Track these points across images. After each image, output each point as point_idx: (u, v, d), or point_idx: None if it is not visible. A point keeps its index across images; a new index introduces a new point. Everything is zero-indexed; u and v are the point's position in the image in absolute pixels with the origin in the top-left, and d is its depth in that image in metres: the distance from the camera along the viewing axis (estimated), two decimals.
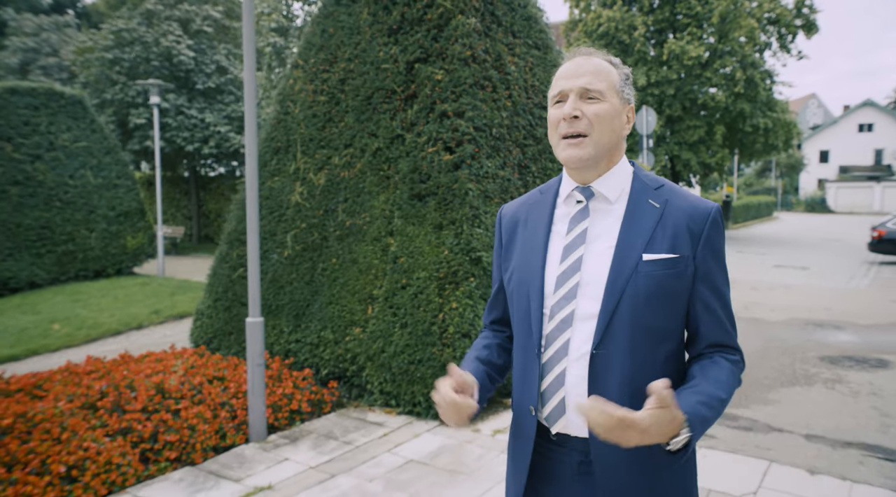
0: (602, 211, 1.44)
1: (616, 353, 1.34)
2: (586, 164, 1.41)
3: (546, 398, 1.41)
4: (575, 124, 1.39)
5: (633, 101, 1.48)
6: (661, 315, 1.36)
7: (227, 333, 6.25)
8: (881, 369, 6.33)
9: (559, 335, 1.39)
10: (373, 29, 5.85)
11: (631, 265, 1.36)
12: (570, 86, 1.41)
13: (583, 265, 1.40)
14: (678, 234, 1.37)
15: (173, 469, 4.03)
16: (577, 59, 1.45)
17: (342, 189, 5.70)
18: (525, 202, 1.61)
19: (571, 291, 1.39)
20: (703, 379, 1.35)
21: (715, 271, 1.40)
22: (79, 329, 9.01)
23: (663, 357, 1.38)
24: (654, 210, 1.40)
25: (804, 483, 3.82)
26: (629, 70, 1.49)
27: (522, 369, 1.48)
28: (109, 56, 16.18)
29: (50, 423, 3.86)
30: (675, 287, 1.36)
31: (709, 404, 1.28)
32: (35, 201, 11.02)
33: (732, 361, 1.42)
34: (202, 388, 4.65)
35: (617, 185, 1.44)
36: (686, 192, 1.44)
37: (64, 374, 4.89)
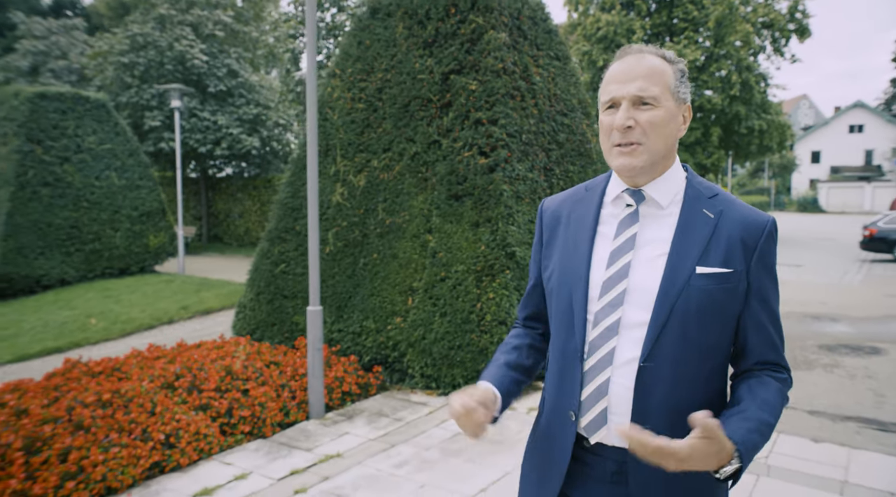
0: (652, 216, 1.39)
1: (663, 366, 1.31)
2: (638, 173, 1.37)
3: (587, 407, 1.37)
4: (628, 134, 1.34)
5: (689, 99, 1.41)
6: (711, 330, 1.33)
7: (270, 324, 6.72)
8: (874, 356, 6.87)
9: (603, 343, 1.35)
10: (408, 42, 6.34)
11: (684, 277, 1.31)
12: (623, 93, 1.35)
13: (630, 272, 1.36)
14: (732, 248, 1.33)
15: (248, 441, 4.51)
16: (629, 60, 1.38)
17: (382, 190, 6.19)
18: (569, 198, 1.56)
19: (618, 298, 1.35)
20: (752, 403, 1.31)
21: (767, 287, 1.37)
22: (114, 323, 9.44)
23: (708, 372, 1.35)
24: (709, 220, 1.36)
25: (809, 449, 4.34)
26: (685, 65, 1.41)
27: (561, 372, 1.43)
28: (125, 60, 16.57)
29: (141, 399, 4.33)
30: (726, 302, 1.33)
31: (759, 431, 1.26)
32: (64, 202, 11.44)
33: (780, 380, 1.38)
34: (263, 372, 5.13)
35: (670, 191, 1.39)
36: (741, 202, 1.41)
37: (137, 358, 5.35)
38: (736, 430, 1.21)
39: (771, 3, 24.36)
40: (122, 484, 3.68)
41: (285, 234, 6.86)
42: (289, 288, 6.65)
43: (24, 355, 8.11)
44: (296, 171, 6.99)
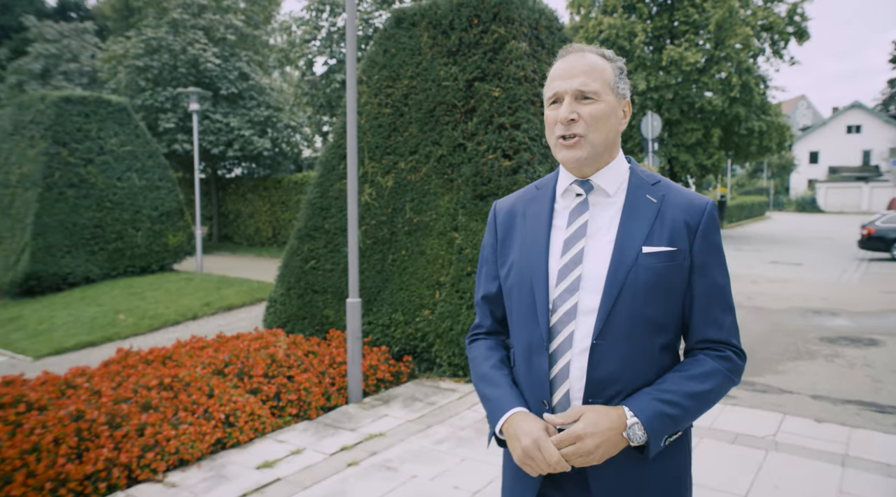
0: (601, 204, 1.47)
1: (615, 343, 1.37)
2: (582, 164, 1.44)
3: (552, 390, 1.42)
4: (571, 127, 1.41)
5: (628, 95, 1.49)
6: (659, 307, 1.39)
7: (301, 318, 7.09)
8: (873, 347, 7.26)
9: (563, 328, 1.41)
10: (433, 51, 6.72)
11: (631, 258, 1.38)
12: (565, 87, 1.42)
13: (584, 258, 1.42)
14: (676, 228, 1.40)
15: (295, 422, 4.89)
16: (570, 58, 1.46)
17: (409, 190, 6.57)
18: (521, 197, 1.62)
19: (574, 284, 1.41)
20: (671, 376, 1.39)
21: (711, 265, 1.42)
22: (142, 319, 9.81)
23: (659, 348, 1.41)
24: (652, 204, 1.43)
25: (812, 428, 4.72)
26: (623, 63, 1.50)
27: (528, 363, 1.47)
28: (140, 64, 16.93)
29: (199, 383, 4.71)
30: (673, 280, 1.39)
31: (669, 401, 1.32)
32: (88, 202, 11.80)
33: (720, 358, 1.41)
34: (303, 360, 5.50)
35: (615, 179, 1.47)
36: (681, 187, 1.49)
37: (185, 348, 5.73)
38: (638, 400, 1.33)
39: (770, 7, 24.76)
40: (192, 456, 4.06)
41: (314, 232, 7.23)
42: (319, 283, 7.02)
43: (61, 348, 8.48)
44: (323, 172, 7.35)
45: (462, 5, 6.64)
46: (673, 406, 1.32)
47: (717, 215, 1.44)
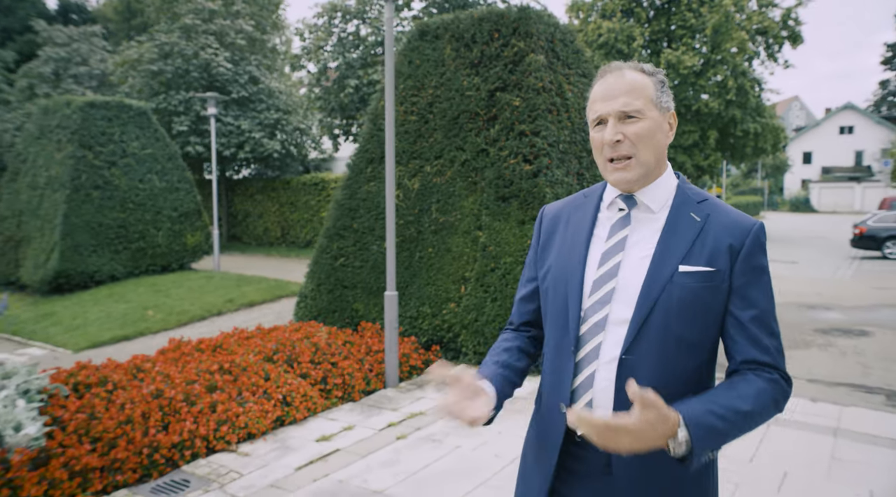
0: (644, 220, 1.46)
1: (644, 359, 1.36)
2: (635, 185, 1.45)
3: (575, 398, 1.43)
4: (618, 148, 1.42)
5: (672, 107, 1.48)
6: (693, 327, 1.37)
7: (332, 311, 7.58)
8: (863, 337, 7.80)
9: (591, 338, 1.42)
10: (456, 62, 7.23)
11: (666, 275, 1.38)
12: (608, 109, 1.43)
13: (619, 271, 1.43)
14: (717, 249, 1.39)
15: (341, 403, 5.39)
16: (610, 78, 1.46)
17: (434, 192, 7.07)
18: (569, 204, 1.63)
19: (606, 296, 1.42)
20: (723, 390, 1.35)
21: (754, 286, 1.40)
22: (170, 315, 10.28)
23: (693, 368, 1.39)
24: (695, 223, 1.42)
25: (809, 407, 5.25)
26: (664, 75, 1.49)
27: (554, 366, 1.49)
28: (154, 68, 17.37)
29: (254, 368, 5.20)
30: (709, 300, 1.38)
31: (719, 414, 1.27)
32: (112, 203, 12.26)
33: (768, 379, 1.37)
34: (342, 349, 6.00)
35: (661, 196, 1.47)
36: (729, 207, 1.47)
37: (233, 338, 6.21)
38: (688, 407, 1.25)
39: (765, 12, 25.36)
40: (259, 431, 4.55)
41: (343, 231, 7.72)
42: (348, 279, 7.52)
43: (97, 342, 8.95)
44: (352, 175, 7.85)
45: (483, 20, 7.15)
46: (722, 420, 1.27)
47: (763, 238, 1.42)
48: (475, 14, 7.28)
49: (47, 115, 12.59)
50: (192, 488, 3.83)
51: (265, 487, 3.83)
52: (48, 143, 12.29)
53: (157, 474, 3.96)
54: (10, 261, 12.17)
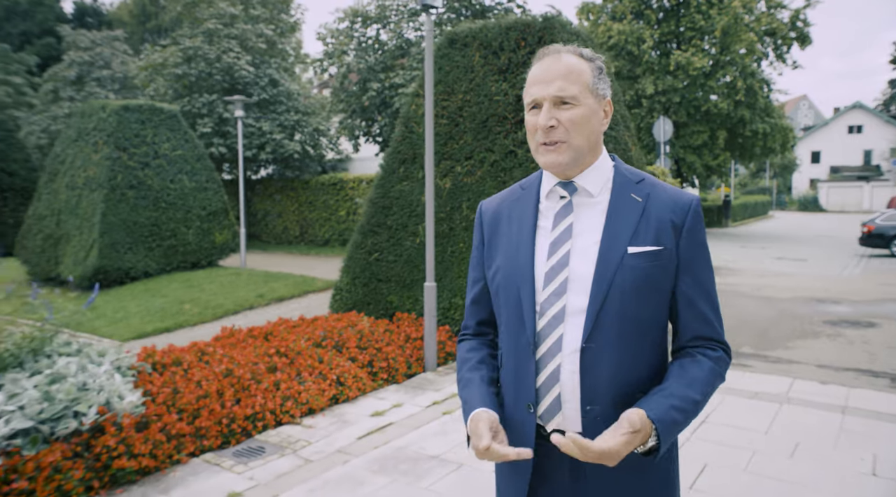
0: (586, 205, 1.46)
1: (605, 346, 1.37)
2: (566, 169, 1.43)
3: (541, 395, 1.42)
4: (552, 133, 1.41)
5: (609, 94, 1.47)
6: (647, 307, 1.40)
7: (367, 303, 8.06)
8: (870, 328, 8.22)
9: (551, 331, 1.41)
10: (484, 69, 7.69)
11: (616, 258, 1.38)
12: (543, 93, 1.41)
13: (570, 260, 1.42)
14: (661, 227, 1.40)
15: (386, 385, 5.86)
16: (546, 61, 1.45)
17: (465, 191, 7.54)
18: (506, 198, 1.62)
19: (561, 287, 1.41)
20: (679, 380, 1.38)
21: (698, 262, 1.43)
22: (205, 309, 10.79)
23: (649, 347, 1.42)
24: (637, 204, 1.43)
25: (818, 388, 5.68)
26: (602, 61, 1.49)
27: (515, 366, 1.47)
28: (179, 72, 17.91)
29: (307, 352, 5.68)
30: (659, 279, 1.40)
31: (678, 407, 1.33)
32: (146, 203, 12.79)
33: (714, 358, 1.43)
34: (384, 336, 6.47)
35: (599, 180, 1.47)
36: (666, 185, 1.48)
37: (281, 326, 6.70)
38: (655, 409, 1.31)
39: (773, 13, 25.70)
40: (318, 407, 5.03)
41: (377, 228, 8.20)
42: (382, 273, 7.99)
43: (142, 333, 9.46)
44: (384, 175, 8.31)
45: (510, 29, 7.61)
46: (682, 413, 1.33)
47: (701, 212, 1.45)
48: (502, 23, 7.74)
49: (84, 119, 13.13)
50: (268, 453, 4.31)
51: (333, 453, 4.30)
52: (85, 145, 12.82)
53: (234, 441, 4.44)
54: (49, 258, 12.70)
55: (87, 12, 43.75)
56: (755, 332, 7.91)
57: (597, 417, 1.38)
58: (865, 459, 4.11)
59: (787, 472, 3.93)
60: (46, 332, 4.58)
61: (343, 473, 3.97)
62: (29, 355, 4.39)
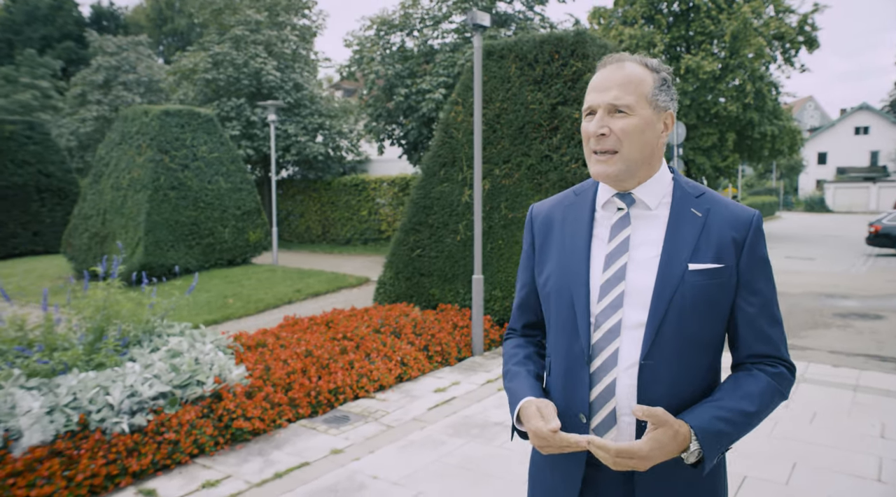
0: (643, 218, 1.45)
1: (663, 363, 1.36)
2: (615, 180, 1.43)
3: (595, 408, 1.40)
4: (603, 142, 1.40)
5: (672, 107, 1.45)
6: (706, 325, 1.38)
7: (409, 296, 8.70)
8: (878, 320, 8.83)
9: (607, 345, 1.39)
10: (520, 79, 8.33)
11: (677, 275, 1.36)
12: (598, 101, 1.41)
13: (627, 274, 1.41)
14: (722, 244, 1.39)
15: (441, 367, 6.50)
16: (608, 69, 1.44)
17: (503, 192, 8.18)
18: (560, 202, 1.60)
19: (617, 300, 1.40)
20: (729, 392, 1.37)
21: (758, 280, 1.41)
22: (248, 303, 11.46)
23: (707, 365, 1.41)
24: (697, 219, 1.41)
25: (831, 370, 6.30)
26: (669, 72, 1.46)
27: (566, 376, 1.46)
28: (209, 76, 18.61)
29: (370, 337, 6.32)
30: (719, 297, 1.38)
31: (727, 419, 1.31)
32: (186, 203, 13.46)
33: (772, 374, 1.40)
34: (434, 324, 7.11)
35: (657, 193, 1.45)
36: (727, 200, 1.46)
37: (339, 315, 7.34)
38: (697, 416, 1.30)
39: (782, 17, 26.27)
40: (387, 384, 5.68)
41: (419, 226, 8.84)
42: (425, 268, 8.64)
43: (194, 325, 10.10)
44: (425, 177, 8.95)
45: (544, 43, 8.24)
46: (730, 424, 1.32)
47: (763, 228, 1.43)
48: (536, 37, 8.37)
49: (127, 123, 13.81)
50: (353, 421, 4.95)
51: (409, 421, 4.95)
52: (129, 149, 13.50)
53: (321, 411, 5.09)
54: (96, 254, 13.38)
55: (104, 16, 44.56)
56: None
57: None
58: (875, 426, 4.73)
59: (809, 435, 4.56)
60: (157, 314, 5.24)
61: (424, 436, 4.62)
62: (145, 335, 5.05)
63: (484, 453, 4.29)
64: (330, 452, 4.31)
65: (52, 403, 3.77)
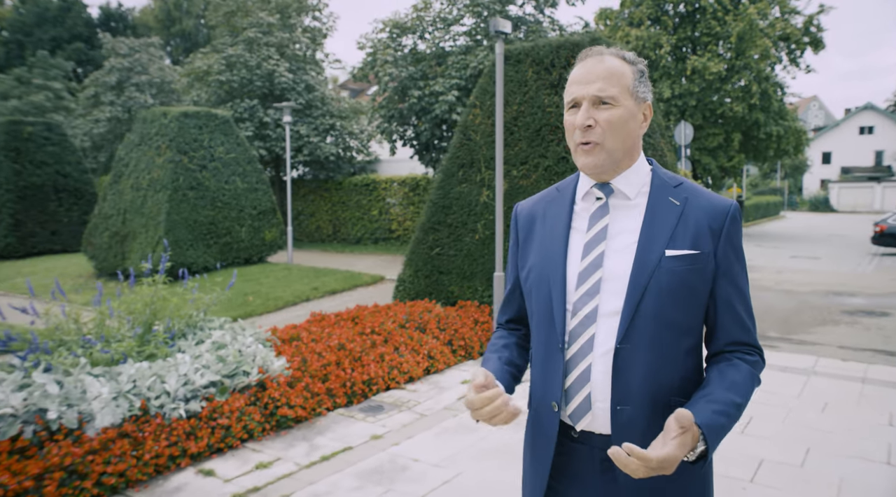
0: (622, 207, 1.48)
1: (639, 347, 1.38)
2: (600, 171, 1.45)
3: (570, 395, 1.43)
4: (588, 133, 1.42)
5: (649, 98, 1.48)
6: (682, 310, 1.40)
7: (429, 293, 8.97)
8: (885, 317, 9.08)
9: (583, 331, 1.42)
10: (537, 83, 8.59)
11: (654, 261, 1.39)
12: (582, 93, 1.43)
13: (605, 261, 1.43)
14: (699, 231, 1.41)
15: (465, 360, 6.77)
16: (589, 62, 1.46)
17: (521, 193, 8.44)
18: (542, 199, 1.63)
19: (594, 287, 1.42)
20: (720, 385, 1.38)
21: (735, 267, 1.45)
22: (267, 300, 11.73)
23: (684, 352, 1.43)
24: (675, 207, 1.44)
25: (840, 364, 6.55)
26: (644, 65, 1.50)
27: (544, 365, 1.50)
28: (222, 78, 18.90)
29: (397, 332, 6.59)
30: (696, 283, 1.40)
31: (725, 413, 1.33)
32: (204, 203, 13.75)
33: (751, 362, 1.45)
34: (456, 319, 7.38)
35: (636, 183, 1.48)
36: (704, 189, 1.49)
37: (365, 311, 7.61)
38: (701, 414, 1.30)
39: (788, 19, 26.48)
40: (416, 376, 5.95)
41: (438, 225, 9.11)
42: (444, 266, 8.91)
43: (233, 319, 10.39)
44: (444, 178, 9.22)
45: (560, 47, 8.50)
46: (727, 417, 1.34)
47: (739, 217, 1.46)
48: (552, 42, 8.63)
49: (146, 124, 14.10)
50: (387, 410, 5.23)
51: (441, 410, 5.22)
52: (148, 149, 13.80)
53: (356, 401, 5.36)
54: (116, 253, 13.68)
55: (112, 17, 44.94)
56: (778, 320, 8.76)
57: (627, 418, 1.39)
58: (883, 415, 4.99)
59: (820, 424, 4.82)
60: (199, 309, 5.51)
61: (457, 423, 4.89)
62: (189, 328, 5.33)
63: (518, 438, 4.53)
64: (370, 438, 4.59)
65: (116, 390, 4.05)
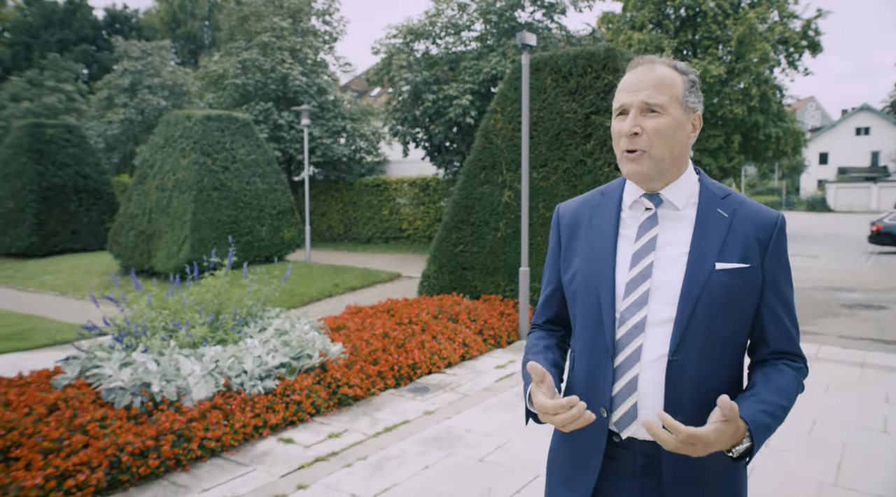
0: (671, 218, 1.49)
1: (690, 358, 1.39)
2: (646, 179, 1.47)
3: (617, 403, 1.44)
4: (635, 141, 1.44)
5: (700, 109, 1.49)
6: (731, 322, 1.42)
7: (452, 288, 9.50)
8: (882, 310, 9.64)
9: (631, 341, 1.43)
10: (556, 90, 9.13)
11: (705, 273, 1.40)
12: (631, 100, 1.44)
13: (653, 271, 1.45)
14: (748, 244, 1.43)
15: (494, 348, 7.30)
16: (639, 70, 1.47)
17: (540, 194, 8.98)
18: (586, 203, 1.63)
19: (642, 297, 1.43)
20: (766, 387, 1.40)
21: (781, 279, 1.47)
22: (292, 296, 12.25)
23: (731, 363, 1.45)
24: (724, 219, 1.45)
25: (840, 351, 7.10)
26: (697, 75, 1.50)
27: (589, 370, 1.50)
28: (238, 82, 19.41)
29: (432, 322, 7.12)
30: (744, 296, 1.42)
31: (771, 413, 1.35)
32: (227, 203, 14.27)
33: (796, 369, 1.47)
34: (483, 312, 7.91)
35: (685, 193, 1.49)
36: (751, 201, 1.50)
37: (398, 304, 8.14)
38: (747, 411, 1.33)
39: (786, 23, 27.08)
40: (454, 362, 6.48)
41: (461, 224, 9.64)
42: (467, 262, 9.44)
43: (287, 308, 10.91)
44: (466, 179, 9.75)
45: (577, 57, 9.04)
46: (773, 418, 1.36)
47: (786, 229, 1.47)
48: (570, 52, 9.18)
49: (170, 127, 14.61)
50: (432, 391, 5.76)
51: (481, 390, 5.75)
52: (173, 151, 14.31)
53: (403, 383, 5.89)
54: (142, 252, 14.18)
55: (118, 19, 45.38)
56: None
57: None
58: (881, 393, 5.54)
59: (824, 401, 5.37)
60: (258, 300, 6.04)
61: (497, 401, 5.42)
62: (250, 317, 5.86)
63: None
64: (423, 413, 5.12)
65: (204, 369, 4.58)
